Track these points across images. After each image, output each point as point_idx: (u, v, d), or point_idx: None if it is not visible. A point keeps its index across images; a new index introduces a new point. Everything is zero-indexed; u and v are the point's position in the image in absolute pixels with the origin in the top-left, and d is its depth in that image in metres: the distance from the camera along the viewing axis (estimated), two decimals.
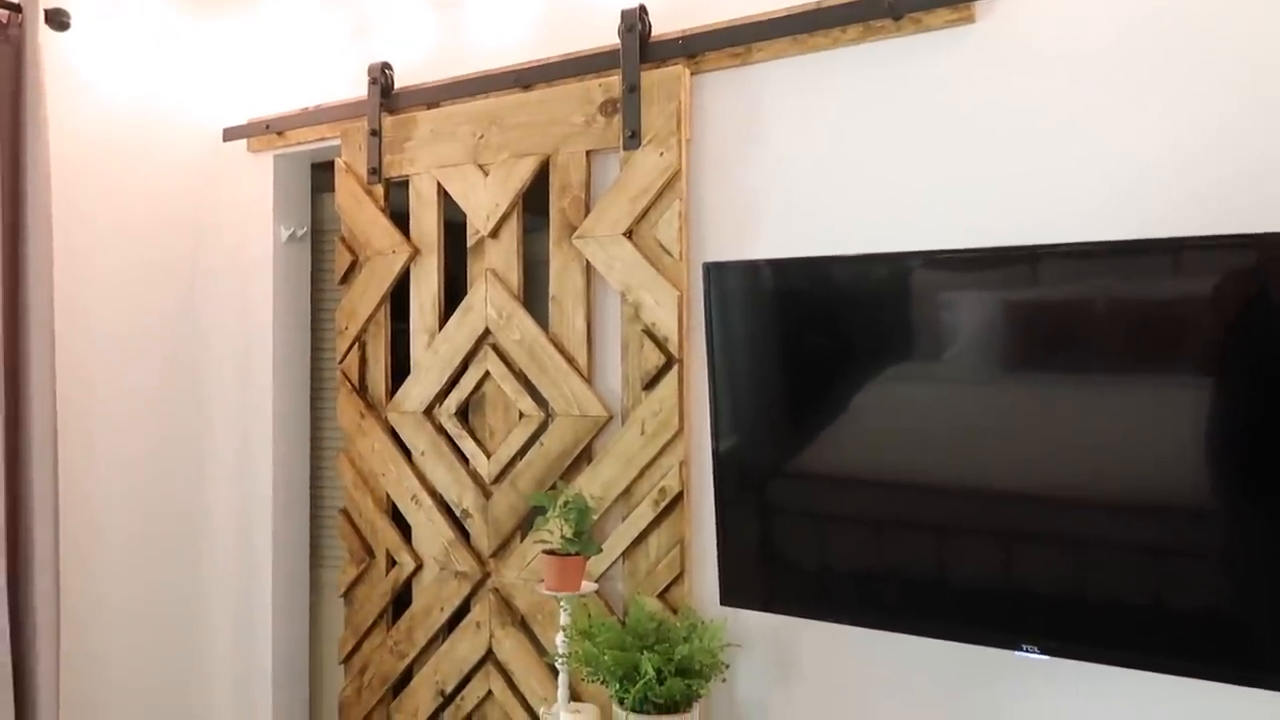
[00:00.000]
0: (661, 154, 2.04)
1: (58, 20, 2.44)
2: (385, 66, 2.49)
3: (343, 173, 2.55)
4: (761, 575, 1.83)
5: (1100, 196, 1.64)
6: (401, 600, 2.48)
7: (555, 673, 2.14)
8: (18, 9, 2.34)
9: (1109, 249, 1.48)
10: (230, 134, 2.85)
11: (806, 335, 1.75)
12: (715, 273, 1.85)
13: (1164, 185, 1.58)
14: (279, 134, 2.74)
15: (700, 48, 2.02)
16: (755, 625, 1.97)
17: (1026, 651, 1.56)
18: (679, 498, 2.03)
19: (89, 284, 2.65)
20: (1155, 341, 1.44)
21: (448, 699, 2.37)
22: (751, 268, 1.81)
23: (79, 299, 2.62)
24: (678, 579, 2.03)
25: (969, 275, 1.59)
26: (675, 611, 2.02)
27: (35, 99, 2.35)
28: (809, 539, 1.76)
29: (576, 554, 1.94)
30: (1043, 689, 1.68)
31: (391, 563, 2.47)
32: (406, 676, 2.46)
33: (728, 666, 1.94)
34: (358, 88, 2.56)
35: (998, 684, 1.72)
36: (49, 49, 2.50)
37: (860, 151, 1.87)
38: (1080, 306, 1.49)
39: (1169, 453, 1.43)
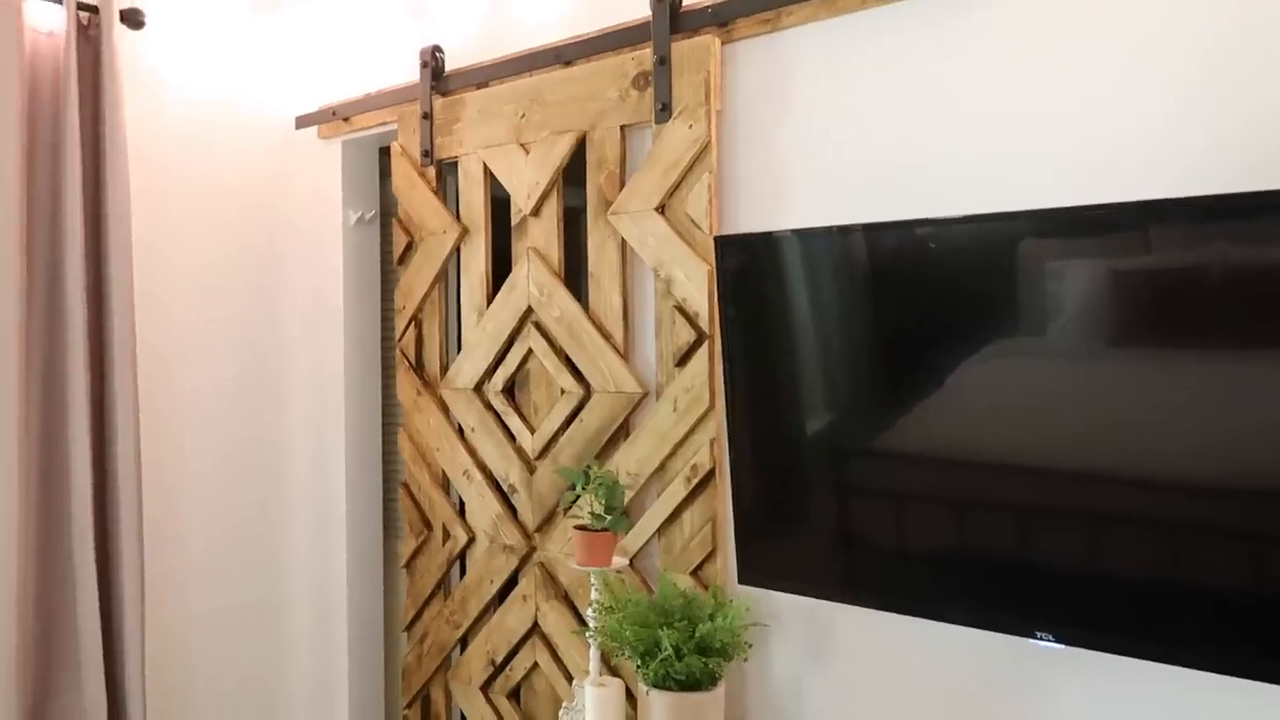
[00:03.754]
0: (691, 126, 2.00)
1: (134, 19, 2.57)
2: (436, 49, 2.53)
3: (399, 156, 2.62)
4: (776, 555, 1.79)
5: (1157, 156, 1.52)
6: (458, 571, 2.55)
7: None
8: (95, 10, 2.48)
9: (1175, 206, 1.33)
10: (302, 122, 2.96)
11: (820, 308, 1.70)
12: (724, 247, 1.81)
13: (1231, 143, 1.46)
14: (345, 120, 2.83)
15: (730, 15, 1.98)
16: (790, 605, 1.93)
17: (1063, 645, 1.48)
18: (710, 475, 2.01)
19: (171, 279, 2.78)
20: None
21: (499, 668, 2.43)
22: (765, 240, 1.77)
23: (161, 294, 2.76)
24: (710, 556, 2.02)
25: (999, 241, 1.51)
26: (707, 589, 2.01)
27: (114, 98, 2.48)
28: (827, 518, 1.72)
29: (606, 530, 1.95)
30: (1085, 673, 1.59)
31: (447, 535, 2.54)
32: (462, 645, 2.53)
33: (750, 646, 1.92)
34: (414, 71, 2.61)
35: (1038, 666, 1.64)
36: (125, 48, 2.63)
37: (894, 116, 1.79)
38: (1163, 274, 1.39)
39: None
